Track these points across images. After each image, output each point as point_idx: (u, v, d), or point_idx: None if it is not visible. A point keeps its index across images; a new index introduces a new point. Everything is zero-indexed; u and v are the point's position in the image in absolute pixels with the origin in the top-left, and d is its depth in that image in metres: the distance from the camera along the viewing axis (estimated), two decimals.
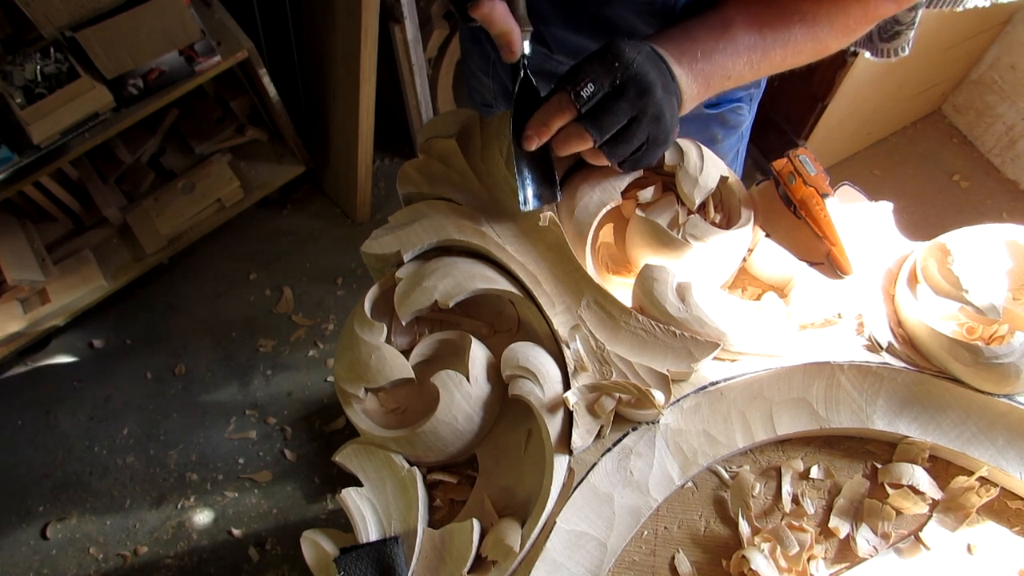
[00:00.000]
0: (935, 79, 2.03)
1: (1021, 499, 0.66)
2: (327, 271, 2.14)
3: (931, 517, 0.65)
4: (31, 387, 2.02)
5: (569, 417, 0.63)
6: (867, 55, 0.95)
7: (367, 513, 0.61)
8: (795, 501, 0.66)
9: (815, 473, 0.67)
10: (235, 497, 1.84)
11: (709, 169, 0.71)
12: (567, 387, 0.64)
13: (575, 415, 0.62)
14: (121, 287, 1.99)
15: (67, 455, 1.93)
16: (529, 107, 0.66)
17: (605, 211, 0.71)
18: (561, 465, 0.62)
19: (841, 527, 0.64)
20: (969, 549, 0.64)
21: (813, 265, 0.70)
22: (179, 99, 1.66)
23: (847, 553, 0.64)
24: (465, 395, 0.63)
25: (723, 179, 0.73)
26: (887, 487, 0.66)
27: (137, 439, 1.94)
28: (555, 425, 0.62)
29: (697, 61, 0.66)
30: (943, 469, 0.67)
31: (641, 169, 0.71)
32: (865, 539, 0.64)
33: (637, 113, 0.61)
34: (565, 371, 0.65)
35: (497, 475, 0.65)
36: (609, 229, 0.78)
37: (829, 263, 0.71)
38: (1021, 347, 0.63)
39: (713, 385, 0.67)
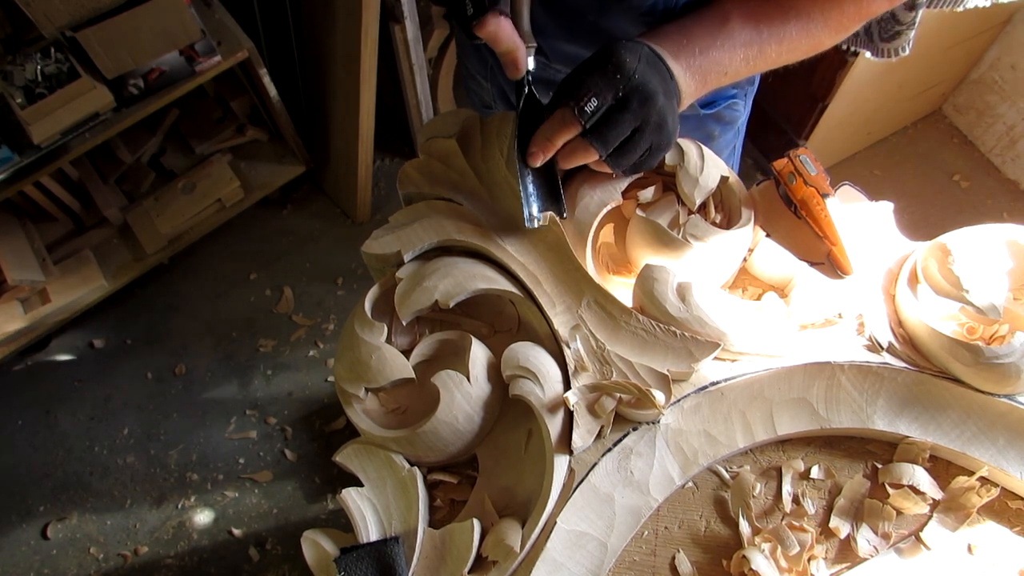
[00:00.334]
0: (935, 79, 2.03)
1: (1021, 499, 0.66)
2: (327, 271, 2.14)
3: (932, 517, 0.65)
4: (31, 387, 2.02)
5: (569, 417, 0.63)
6: (868, 55, 0.95)
7: (367, 513, 0.61)
8: (795, 501, 0.66)
9: (815, 473, 0.67)
10: (235, 497, 1.84)
11: (709, 169, 0.71)
12: (567, 387, 0.64)
13: (575, 415, 0.62)
14: (121, 287, 1.99)
15: (67, 455, 1.93)
16: (533, 121, 0.65)
17: (605, 211, 0.71)
18: (561, 465, 0.62)
19: (842, 527, 0.64)
20: (970, 549, 0.64)
21: (814, 265, 0.70)
22: (179, 99, 1.66)
23: (848, 553, 0.64)
24: (465, 395, 0.63)
25: (723, 179, 0.73)
26: (888, 487, 0.66)
27: (137, 439, 1.94)
28: (555, 425, 0.62)
29: (695, 58, 0.66)
30: (943, 469, 0.67)
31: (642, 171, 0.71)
32: (866, 539, 0.64)
33: (640, 123, 0.61)
34: (565, 371, 0.65)
35: (497, 475, 0.65)
36: (609, 229, 0.78)
37: (829, 263, 0.71)
38: (1022, 347, 0.63)
39: (713, 385, 0.67)
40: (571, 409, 0.62)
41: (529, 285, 0.68)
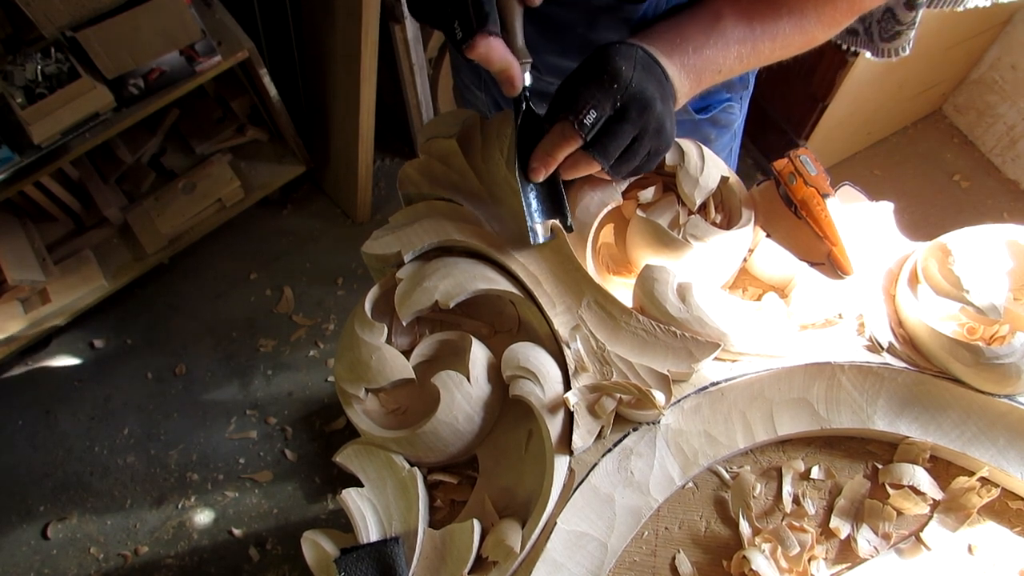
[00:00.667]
0: (936, 79, 2.03)
1: (1022, 499, 0.65)
2: (327, 271, 2.14)
3: (932, 517, 0.65)
4: (31, 387, 2.02)
5: (570, 417, 0.63)
6: (868, 55, 0.95)
7: (368, 513, 0.61)
8: (796, 501, 0.66)
9: (816, 473, 0.67)
10: (236, 497, 1.84)
11: (710, 169, 0.71)
12: (567, 387, 0.64)
13: (576, 415, 0.62)
14: (121, 287, 1.99)
15: (67, 455, 1.93)
16: (532, 136, 0.65)
17: (606, 211, 0.71)
18: (562, 466, 0.62)
19: (842, 527, 0.64)
20: (970, 549, 0.64)
21: (814, 265, 0.70)
22: (180, 99, 1.66)
23: (848, 553, 0.64)
24: (466, 395, 0.63)
25: (724, 179, 0.73)
26: (888, 487, 0.66)
27: (138, 439, 1.94)
28: (556, 426, 0.62)
29: (688, 56, 0.65)
30: (944, 469, 0.67)
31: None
32: (866, 539, 0.64)
33: (640, 131, 0.61)
34: (566, 371, 0.65)
35: (498, 475, 0.65)
36: (610, 229, 0.78)
37: (830, 263, 0.71)
38: (1022, 347, 0.63)
39: (714, 385, 0.67)
40: (571, 409, 0.62)
41: (529, 285, 0.68)
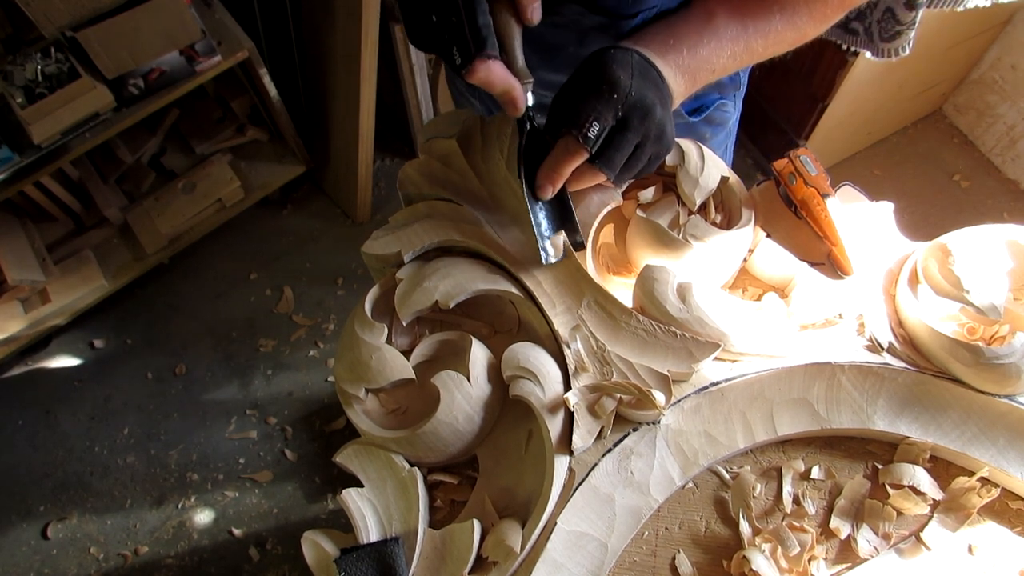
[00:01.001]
0: (936, 79, 2.03)
1: (1022, 499, 0.65)
2: (327, 271, 2.14)
3: (932, 518, 0.65)
4: (31, 387, 2.02)
5: (570, 418, 0.63)
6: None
7: (368, 514, 0.61)
8: (796, 501, 0.66)
9: (816, 473, 0.67)
10: (236, 497, 1.85)
11: (710, 169, 0.71)
12: (568, 388, 0.64)
13: (576, 416, 0.62)
14: (121, 287, 1.99)
15: (68, 455, 1.93)
16: (537, 154, 0.65)
17: (606, 211, 0.72)
18: (562, 466, 0.62)
19: (842, 527, 0.64)
20: (970, 550, 0.64)
21: (814, 265, 0.70)
22: (180, 99, 1.66)
23: (848, 554, 0.64)
24: (466, 396, 0.63)
25: (724, 179, 0.73)
26: (888, 488, 0.66)
27: (138, 439, 1.94)
28: (556, 426, 0.62)
29: (683, 57, 0.65)
30: (944, 470, 0.67)
31: None
32: (866, 540, 0.64)
33: (642, 139, 0.61)
34: (566, 372, 0.65)
35: (498, 476, 0.65)
36: (610, 229, 0.78)
37: (830, 263, 0.71)
38: (1022, 347, 0.63)
39: (714, 385, 0.67)
40: (571, 410, 0.62)
41: (529, 285, 0.68)
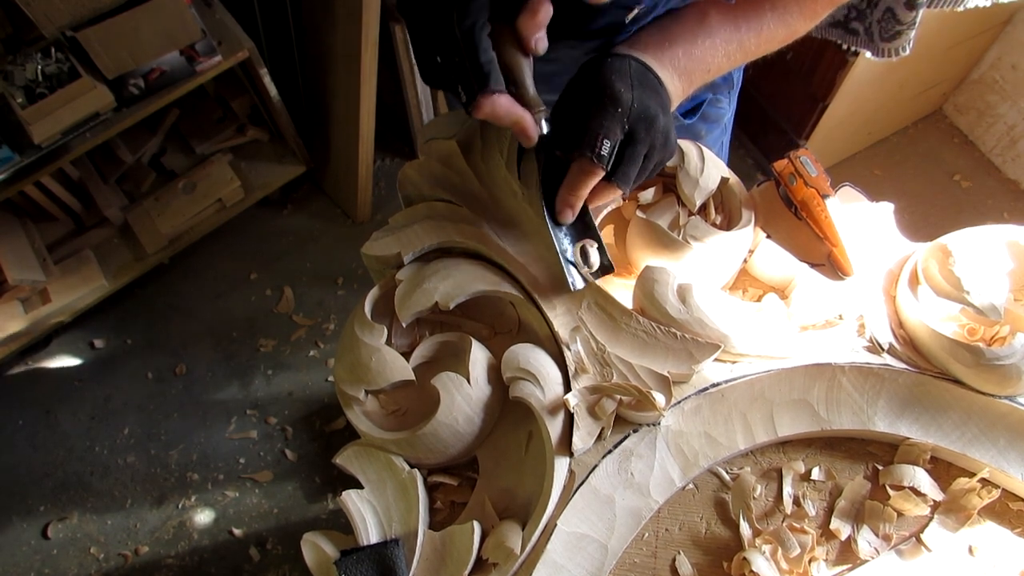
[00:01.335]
0: (936, 79, 2.03)
1: (1022, 500, 0.65)
2: (327, 271, 2.14)
3: (932, 519, 0.65)
4: (31, 387, 2.02)
5: (570, 419, 0.63)
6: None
7: (368, 515, 0.61)
8: (796, 503, 0.66)
9: (816, 475, 0.67)
10: (236, 497, 1.85)
11: (710, 170, 0.71)
12: (568, 389, 0.64)
13: (576, 417, 0.62)
14: (122, 287, 1.99)
15: (68, 455, 1.93)
16: (555, 179, 0.65)
17: (606, 212, 0.71)
18: (562, 467, 0.62)
19: (842, 529, 0.64)
20: (970, 551, 0.64)
21: (814, 266, 0.70)
22: (180, 99, 1.66)
23: (848, 555, 0.64)
24: (465, 397, 0.63)
25: (724, 180, 0.73)
26: (888, 489, 0.66)
27: (138, 439, 1.94)
28: (556, 427, 0.62)
29: (679, 59, 0.66)
30: (944, 471, 0.67)
31: None
32: (866, 541, 0.64)
33: (649, 148, 0.61)
34: (566, 373, 0.65)
35: (498, 477, 0.65)
36: (609, 230, 0.78)
37: (830, 264, 0.71)
38: (1022, 348, 0.63)
39: (714, 387, 0.67)
40: (571, 411, 0.62)
41: (529, 287, 0.68)
